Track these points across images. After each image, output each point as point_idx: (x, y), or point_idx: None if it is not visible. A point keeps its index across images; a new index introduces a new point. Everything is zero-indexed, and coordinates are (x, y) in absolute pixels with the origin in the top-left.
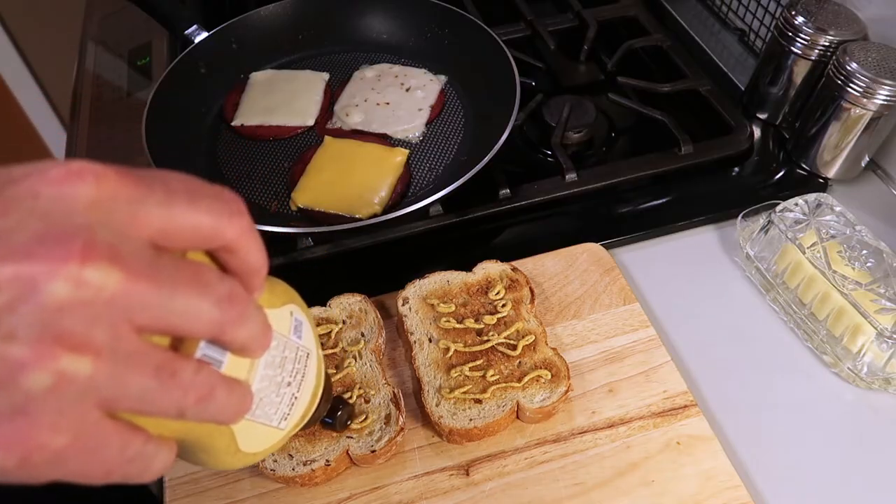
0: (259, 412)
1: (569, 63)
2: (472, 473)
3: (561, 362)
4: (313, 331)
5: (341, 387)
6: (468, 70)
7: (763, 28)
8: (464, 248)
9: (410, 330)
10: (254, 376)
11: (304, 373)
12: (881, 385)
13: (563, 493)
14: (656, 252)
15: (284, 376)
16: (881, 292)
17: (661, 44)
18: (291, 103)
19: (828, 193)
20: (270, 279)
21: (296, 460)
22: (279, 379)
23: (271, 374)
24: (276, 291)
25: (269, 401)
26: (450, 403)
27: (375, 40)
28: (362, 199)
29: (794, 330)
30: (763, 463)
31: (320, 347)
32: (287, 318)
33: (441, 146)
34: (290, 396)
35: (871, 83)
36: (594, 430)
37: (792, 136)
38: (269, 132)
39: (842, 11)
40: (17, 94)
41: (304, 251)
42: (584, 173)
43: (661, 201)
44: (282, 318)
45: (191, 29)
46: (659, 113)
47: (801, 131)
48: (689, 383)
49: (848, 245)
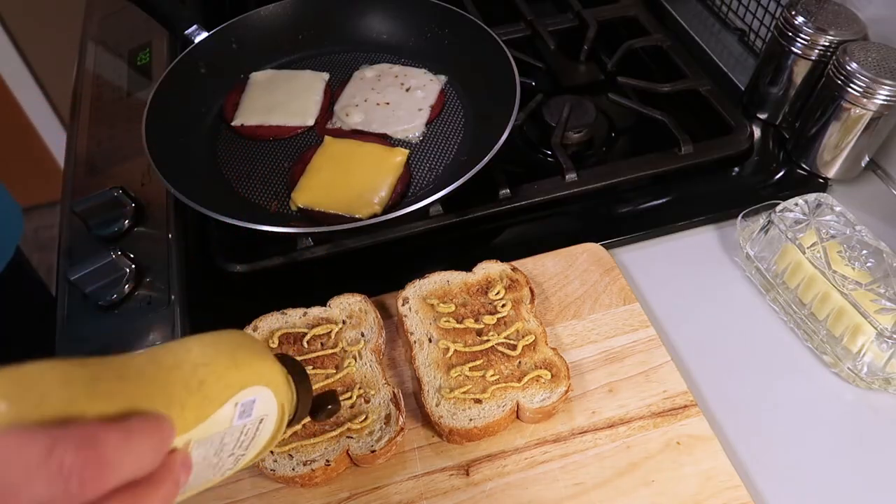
0: (194, 482)
1: (569, 63)
2: (472, 473)
3: (561, 362)
4: (281, 386)
5: (341, 386)
6: (468, 70)
7: (763, 28)
8: (464, 248)
9: (410, 330)
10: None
11: (253, 436)
12: (881, 385)
13: (563, 493)
14: (656, 252)
15: (223, 455)
16: (881, 292)
17: (661, 44)
18: (291, 103)
19: (828, 193)
20: (233, 353)
21: (296, 460)
22: (216, 460)
23: (208, 455)
24: (222, 384)
25: (206, 471)
26: (450, 403)
27: (375, 40)
28: (362, 199)
29: (794, 330)
30: (763, 463)
31: (288, 387)
32: (228, 413)
33: (441, 146)
34: (235, 459)
35: (871, 83)
36: (594, 430)
37: (792, 136)
38: (269, 132)
39: (842, 11)
40: (17, 94)
41: (304, 251)
42: (584, 173)
43: (661, 201)
44: (217, 421)
45: (191, 29)
46: (659, 113)
47: (801, 131)
48: (689, 383)
49: (848, 245)
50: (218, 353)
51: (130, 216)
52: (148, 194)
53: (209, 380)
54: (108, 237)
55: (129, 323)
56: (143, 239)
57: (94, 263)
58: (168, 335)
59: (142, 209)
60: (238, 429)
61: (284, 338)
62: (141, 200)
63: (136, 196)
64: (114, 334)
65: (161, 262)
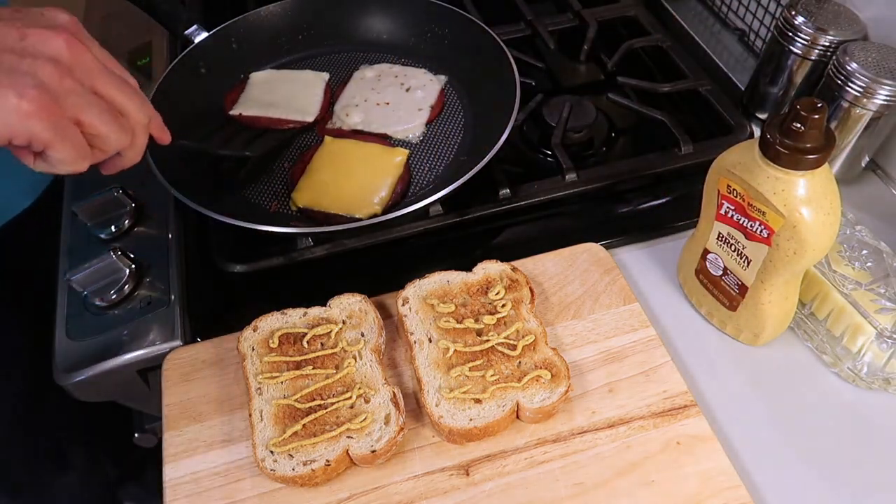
0: None
1: (569, 63)
2: (472, 473)
3: (561, 362)
4: None
5: (341, 386)
6: (468, 70)
7: (763, 28)
8: (464, 248)
9: (410, 330)
10: None
11: None
12: (881, 385)
13: (563, 493)
14: (656, 252)
15: None
16: (881, 292)
17: (661, 44)
18: (292, 100)
19: None
20: None
21: (296, 460)
22: None
23: None
24: None
25: None
26: (450, 403)
27: (375, 40)
28: (362, 199)
29: (794, 329)
30: (763, 463)
31: None
32: None
33: (441, 146)
34: None
35: (871, 83)
36: (594, 430)
37: None
38: (269, 123)
39: (842, 11)
40: None
41: (304, 251)
42: (584, 173)
43: (661, 201)
44: None
45: (191, 29)
46: (659, 113)
47: None
48: (689, 383)
49: (848, 245)
50: None
51: (130, 216)
52: (148, 194)
53: None
54: (108, 237)
55: (129, 323)
56: (143, 239)
57: (94, 263)
58: (168, 335)
59: (142, 209)
60: None
61: (284, 338)
62: (141, 200)
63: (136, 196)
64: (114, 334)
65: (161, 262)
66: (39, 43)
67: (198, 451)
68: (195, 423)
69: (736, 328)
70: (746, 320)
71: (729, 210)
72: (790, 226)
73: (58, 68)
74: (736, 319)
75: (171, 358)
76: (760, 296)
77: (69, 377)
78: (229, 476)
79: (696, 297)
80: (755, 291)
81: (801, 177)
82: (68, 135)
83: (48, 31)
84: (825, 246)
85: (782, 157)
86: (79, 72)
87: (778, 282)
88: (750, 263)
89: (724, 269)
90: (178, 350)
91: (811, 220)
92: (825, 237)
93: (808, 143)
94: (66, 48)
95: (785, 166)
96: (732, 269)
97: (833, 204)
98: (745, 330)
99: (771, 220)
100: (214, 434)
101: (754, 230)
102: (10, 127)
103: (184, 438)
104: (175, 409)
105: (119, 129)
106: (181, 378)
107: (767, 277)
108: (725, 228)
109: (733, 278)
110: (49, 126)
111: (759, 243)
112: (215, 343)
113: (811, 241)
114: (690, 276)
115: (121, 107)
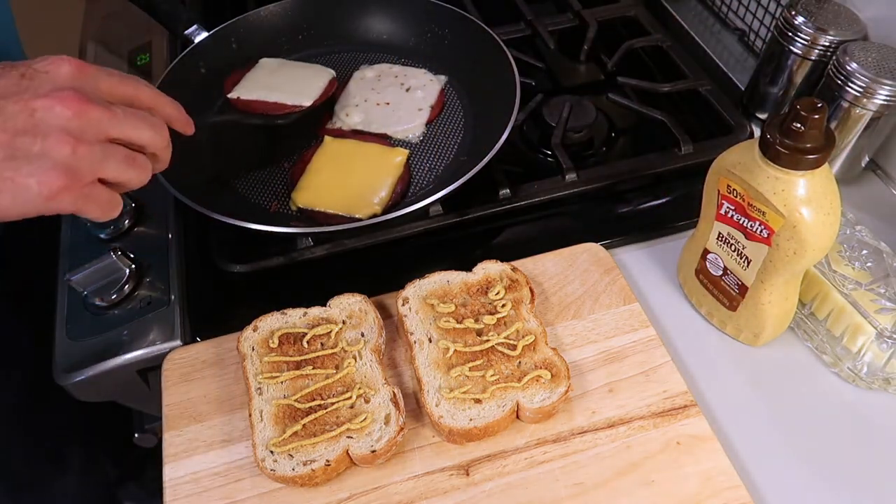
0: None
1: (569, 63)
2: (472, 473)
3: (561, 362)
4: None
5: (341, 386)
6: (468, 70)
7: (763, 28)
8: (464, 248)
9: (410, 330)
10: None
11: None
12: (881, 385)
13: (563, 493)
14: (656, 252)
15: None
16: (881, 292)
17: (661, 44)
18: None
19: None
20: None
21: (296, 460)
22: None
23: None
24: None
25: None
26: (450, 403)
27: (375, 40)
28: (362, 199)
29: (794, 329)
30: (763, 463)
31: None
32: None
33: (441, 146)
34: None
35: (871, 83)
36: (594, 430)
37: None
38: (266, 108)
39: (842, 11)
40: None
41: (304, 251)
42: (584, 173)
43: (661, 201)
44: None
45: (191, 29)
46: (659, 113)
47: None
48: (689, 383)
49: (848, 245)
50: None
51: (130, 216)
52: (148, 194)
53: None
54: (107, 237)
55: (129, 323)
56: (143, 239)
57: (94, 263)
58: (168, 335)
59: (142, 209)
60: None
61: (284, 338)
62: (141, 200)
63: (136, 196)
64: (114, 334)
65: (161, 262)
66: (48, 116)
67: (198, 451)
68: (195, 423)
69: (736, 328)
70: (746, 320)
71: (729, 210)
72: (790, 226)
73: (69, 139)
74: (736, 319)
75: (171, 358)
76: (760, 296)
77: (69, 377)
78: (229, 476)
79: (696, 297)
80: (755, 291)
81: (801, 177)
82: (92, 197)
83: (53, 98)
84: (825, 246)
85: (782, 157)
86: (90, 132)
87: (778, 282)
88: (750, 263)
89: (724, 269)
90: (178, 350)
91: (811, 220)
92: (825, 237)
93: (808, 143)
94: (73, 114)
95: (785, 166)
96: (732, 269)
97: (833, 204)
98: (745, 330)
99: (771, 220)
100: (214, 434)
101: (754, 230)
102: (39, 209)
103: (184, 438)
104: (175, 409)
105: (140, 169)
106: (181, 378)
107: (767, 277)
108: (725, 228)
109: (733, 278)
110: (73, 199)
111: (759, 243)
112: (215, 343)
113: (811, 241)
114: (690, 276)
115: (138, 143)
